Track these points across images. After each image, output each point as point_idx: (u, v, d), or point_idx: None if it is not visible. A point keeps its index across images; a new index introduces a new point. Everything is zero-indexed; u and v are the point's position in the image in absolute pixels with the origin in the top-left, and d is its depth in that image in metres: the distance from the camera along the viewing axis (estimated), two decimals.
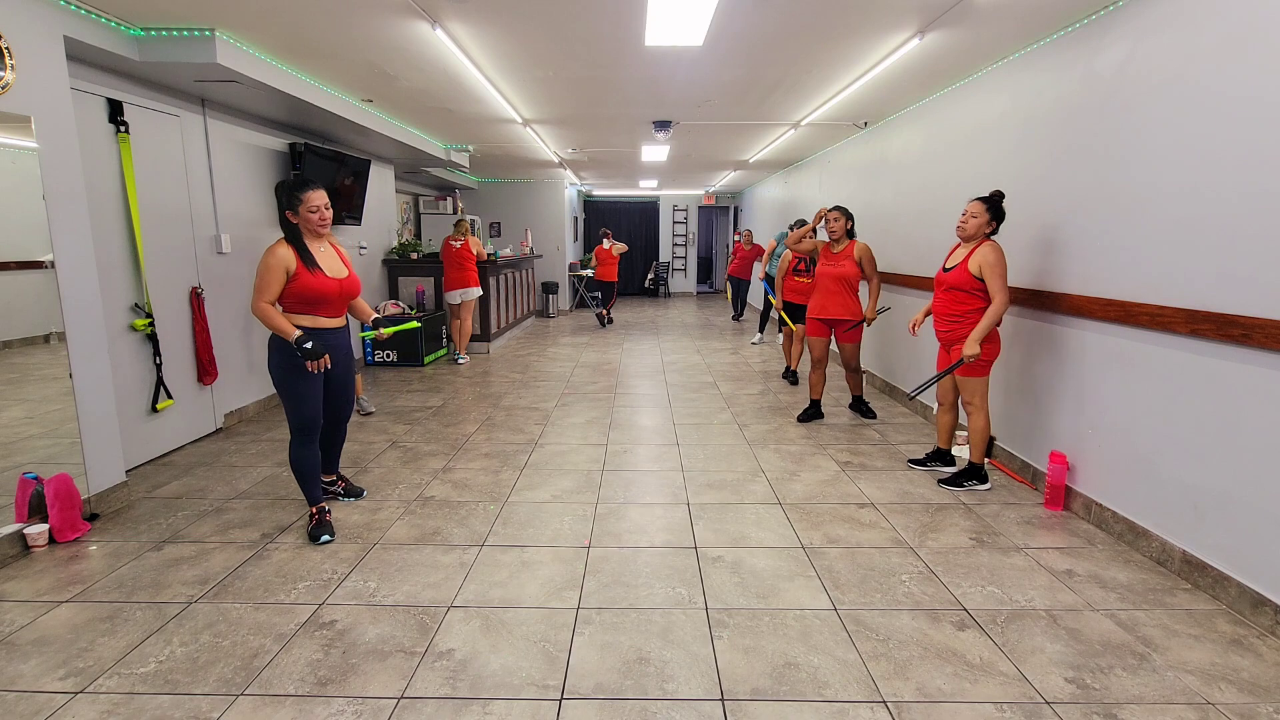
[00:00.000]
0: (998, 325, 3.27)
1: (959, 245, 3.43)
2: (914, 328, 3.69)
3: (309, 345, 2.71)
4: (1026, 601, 2.41)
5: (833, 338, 4.73)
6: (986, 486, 3.47)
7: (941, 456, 3.76)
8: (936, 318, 3.48)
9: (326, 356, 2.76)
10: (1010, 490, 3.48)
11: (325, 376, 2.90)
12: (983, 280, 3.21)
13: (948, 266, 3.40)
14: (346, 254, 3.04)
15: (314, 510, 2.95)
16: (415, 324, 3.65)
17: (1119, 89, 2.93)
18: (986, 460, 3.90)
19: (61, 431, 2.99)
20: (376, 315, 3.13)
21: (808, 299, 5.92)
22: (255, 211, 4.90)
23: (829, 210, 4.62)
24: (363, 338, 3.21)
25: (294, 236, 2.80)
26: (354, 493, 3.32)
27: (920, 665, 2.05)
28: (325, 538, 2.86)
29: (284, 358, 2.77)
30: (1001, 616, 2.31)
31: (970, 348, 3.21)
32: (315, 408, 2.87)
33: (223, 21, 3.35)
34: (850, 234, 4.62)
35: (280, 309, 2.78)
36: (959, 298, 3.28)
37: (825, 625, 2.26)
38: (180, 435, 4.14)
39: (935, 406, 4.04)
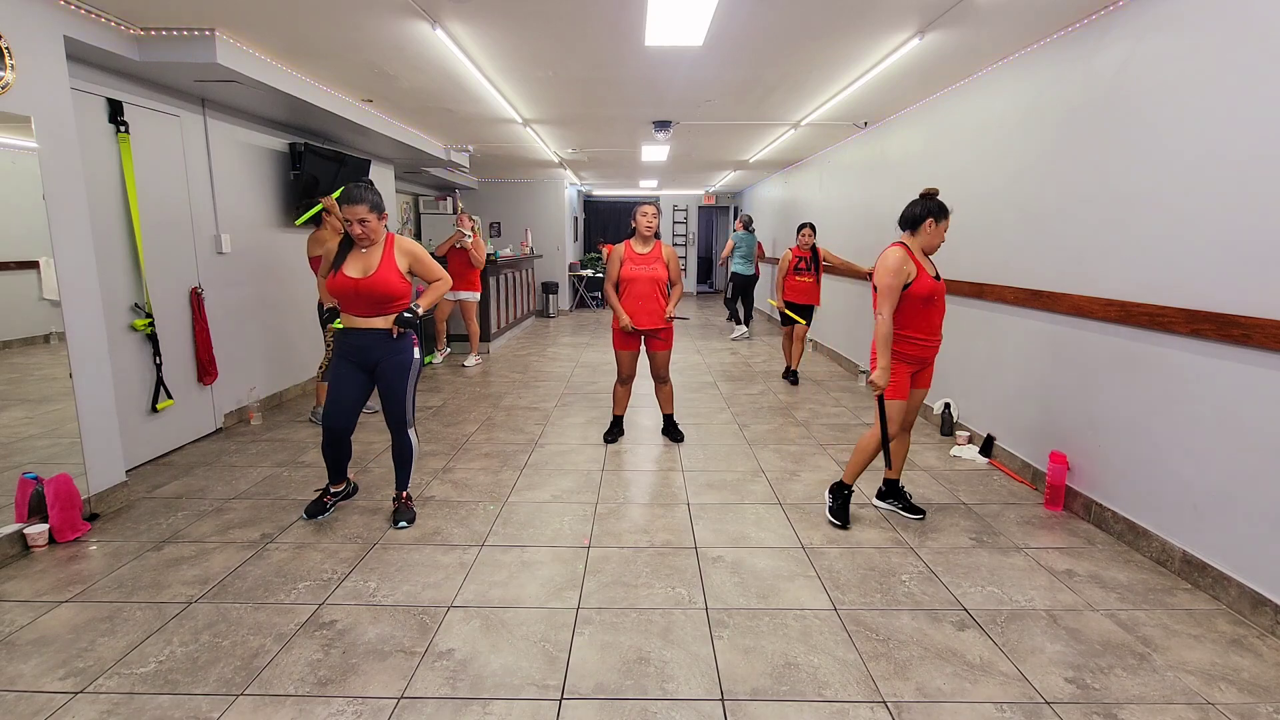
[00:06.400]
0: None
1: (904, 248, 2.85)
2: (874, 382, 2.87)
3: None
4: (1026, 601, 2.41)
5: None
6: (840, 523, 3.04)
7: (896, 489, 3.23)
8: (933, 333, 2.92)
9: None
10: (1010, 490, 3.48)
11: (365, 377, 2.98)
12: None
13: (936, 275, 2.91)
14: (407, 256, 2.98)
15: (319, 489, 3.26)
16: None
17: (1119, 88, 2.93)
18: (987, 460, 3.91)
19: (61, 431, 2.99)
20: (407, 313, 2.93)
21: (809, 298, 5.94)
22: (255, 211, 4.89)
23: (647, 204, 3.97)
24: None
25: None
26: (348, 494, 3.31)
27: (920, 665, 2.05)
28: (303, 515, 3.10)
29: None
30: (1001, 616, 2.31)
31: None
32: (334, 400, 2.94)
33: (223, 21, 3.35)
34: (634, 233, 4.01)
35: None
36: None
37: (825, 625, 2.26)
38: (180, 435, 4.14)
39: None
